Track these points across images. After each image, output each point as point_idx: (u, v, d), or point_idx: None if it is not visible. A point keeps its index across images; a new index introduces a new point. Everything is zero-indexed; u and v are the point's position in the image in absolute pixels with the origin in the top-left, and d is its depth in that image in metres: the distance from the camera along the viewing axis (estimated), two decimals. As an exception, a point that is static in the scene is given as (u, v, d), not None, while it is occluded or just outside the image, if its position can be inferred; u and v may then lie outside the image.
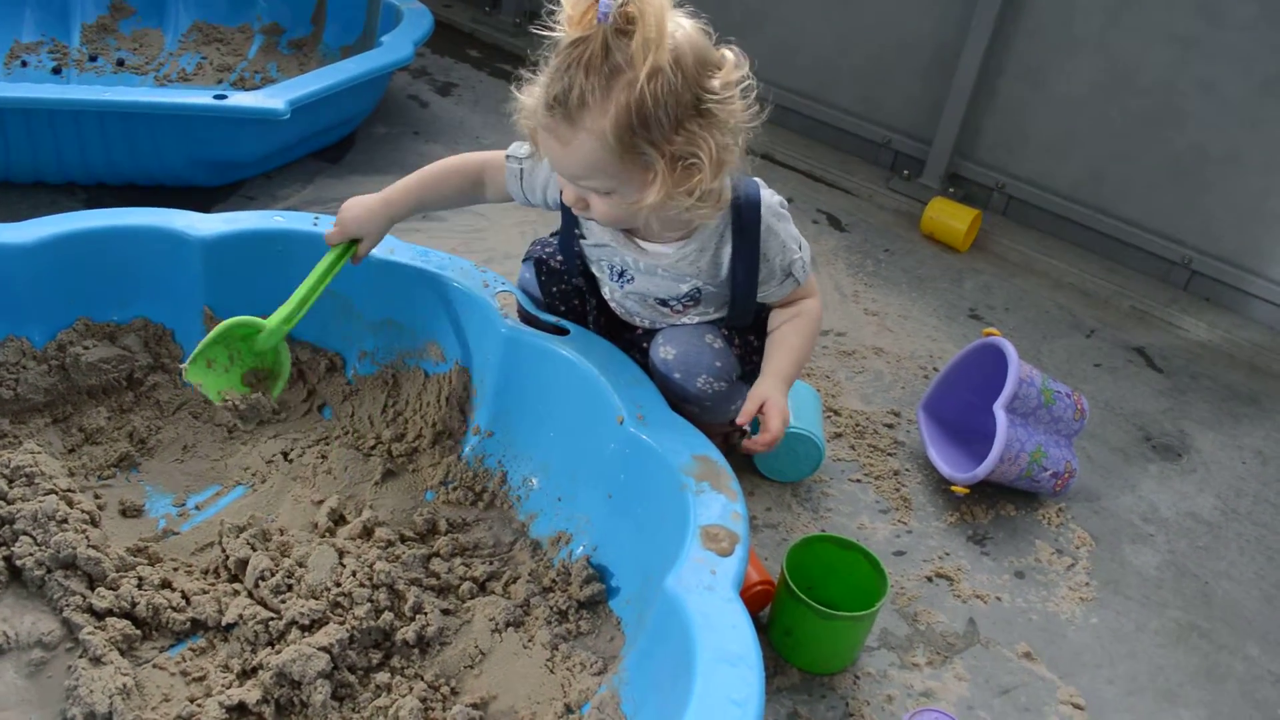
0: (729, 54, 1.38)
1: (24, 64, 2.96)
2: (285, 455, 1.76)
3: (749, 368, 1.69)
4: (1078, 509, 1.97)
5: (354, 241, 1.69)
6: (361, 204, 1.67)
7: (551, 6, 1.32)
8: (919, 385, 2.22)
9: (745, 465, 1.94)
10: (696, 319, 1.66)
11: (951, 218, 2.75)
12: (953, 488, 1.88)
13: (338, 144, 2.80)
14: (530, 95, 1.37)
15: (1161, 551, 1.91)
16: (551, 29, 1.33)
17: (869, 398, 2.18)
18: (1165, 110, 2.57)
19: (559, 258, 1.73)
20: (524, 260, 1.77)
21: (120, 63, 3.04)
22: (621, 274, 1.64)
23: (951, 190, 2.96)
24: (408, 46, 2.70)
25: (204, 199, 2.48)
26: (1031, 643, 1.69)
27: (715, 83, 1.34)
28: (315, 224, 1.83)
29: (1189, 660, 1.71)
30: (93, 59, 3.03)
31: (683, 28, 1.33)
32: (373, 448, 1.78)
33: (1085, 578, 1.83)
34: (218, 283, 1.82)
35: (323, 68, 2.57)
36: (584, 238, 1.65)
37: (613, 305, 1.74)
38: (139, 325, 1.82)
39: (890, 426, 2.10)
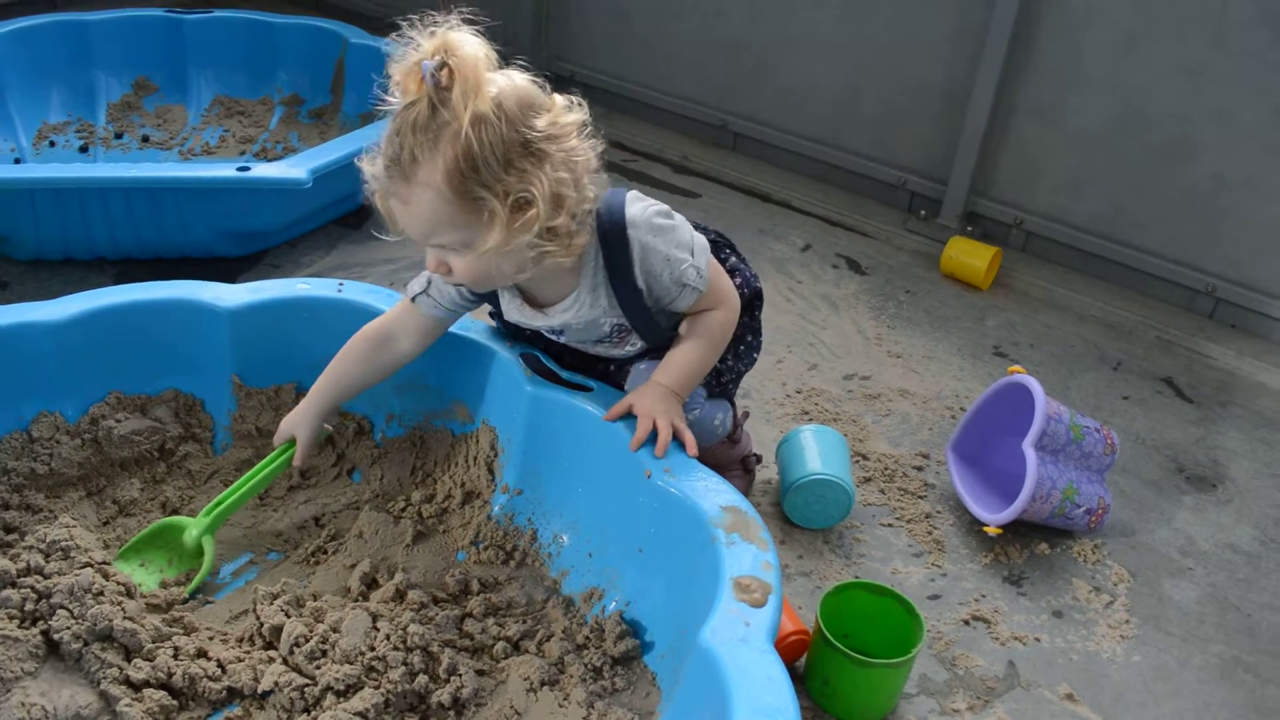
0: (560, 98, 1.44)
1: (52, 144, 3.03)
2: (316, 520, 1.77)
3: (719, 386, 1.74)
4: (1114, 545, 1.95)
5: (293, 443, 1.74)
6: (293, 411, 1.75)
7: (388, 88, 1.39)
8: (946, 426, 2.22)
9: (775, 514, 1.94)
10: (640, 345, 1.67)
11: (971, 256, 2.75)
12: (985, 528, 1.87)
13: (358, 210, 2.84)
14: (372, 163, 1.43)
15: (1201, 585, 1.89)
16: (386, 101, 1.39)
17: (897, 440, 2.17)
18: (1180, 140, 2.58)
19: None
20: (490, 314, 1.81)
21: (145, 139, 3.10)
22: (551, 330, 1.67)
23: (969, 229, 2.96)
24: (425, 111, 2.74)
25: (229, 269, 2.52)
26: (1073, 684, 1.67)
27: (541, 122, 1.38)
28: (340, 290, 1.85)
29: (1235, 695, 1.68)
30: (118, 136, 3.10)
31: (508, 77, 1.40)
32: (403, 510, 1.79)
33: (1125, 615, 1.81)
34: (246, 352, 1.84)
35: (343, 136, 2.61)
36: (503, 314, 1.68)
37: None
38: (169, 396, 1.85)
39: (919, 469, 2.09)
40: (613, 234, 1.51)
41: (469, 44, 1.35)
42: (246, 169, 2.34)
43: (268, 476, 1.72)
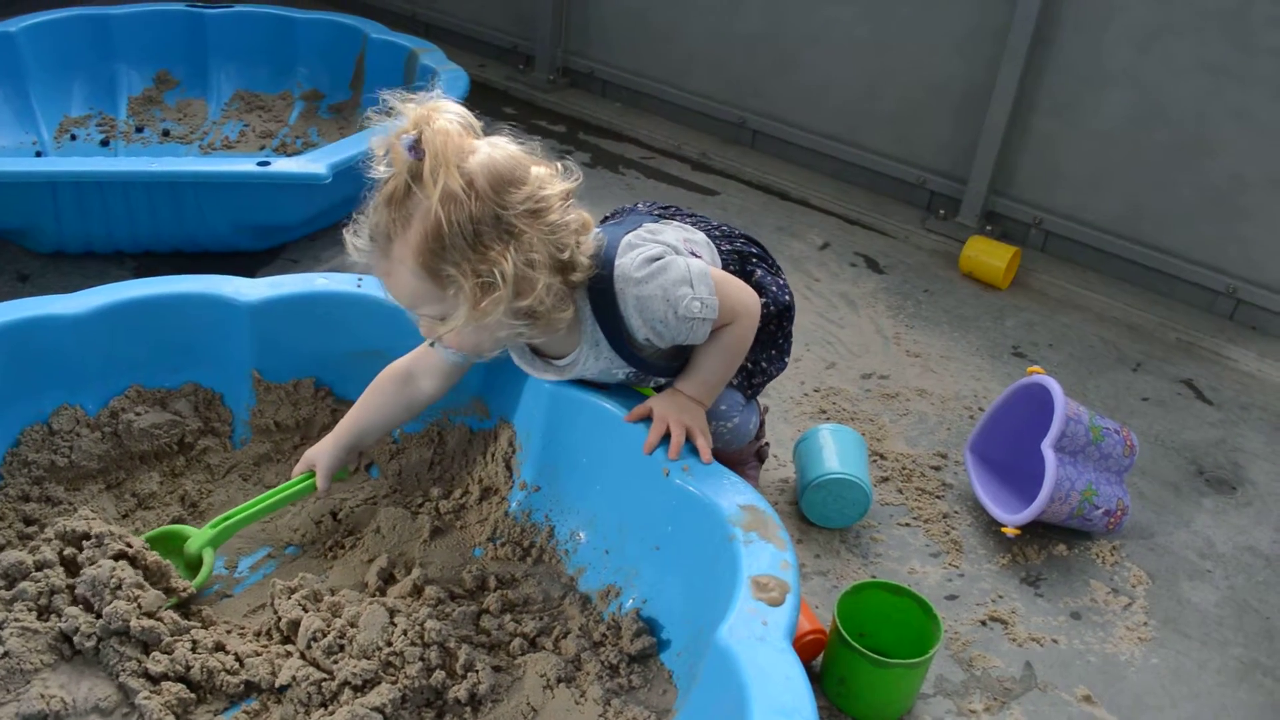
0: (540, 170, 1.40)
1: (73, 137, 3.04)
2: (334, 515, 1.78)
3: (751, 388, 1.72)
4: (1132, 546, 1.95)
5: (314, 474, 1.73)
6: (319, 443, 1.75)
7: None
8: (965, 426, 2.21)
9: (793, 513, 1.93)
10: (662, 380, 1.66)
11: (991, 256, 2.74)
12: (1003, 529, 1.86)
13: (378, 205, 2.84)
14: (356, 235, 1.43)
15: (1220, 588, 1.88)
16: (367, 173, 1.39)
17: (914, 440, 2.17)
18: (1200, 140, 2.56)
19: None
20: None
21: (166, 133, 3.12)
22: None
23: (989, 228, 2.95)
24: (444, 107, 2.74)
25: (248, 264, 2.53)
26: (1091, 685, 1.66)
27: (518, 197, 1.36)
28: (359, 285, 1.86)
29: (1253, 699, 1.67)
30: (139, 130, 3.12)
31: (491, 147, 1.38)
32: (420, 505, 1.79)
33: (1143, 617, 1.80)
34: (265, 346, 1.85)
35: (363, 131, 2.61)
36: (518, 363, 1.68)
37: None
38: (189, 390, 1.85)
39: (937, 469, 2.09)
40: (603, 293, 1.49)
41: (445, 117, 1.35)
42: (266, 163, 2.35)
43: (282, 501, 1.70)
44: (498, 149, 1.39)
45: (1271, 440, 2.27)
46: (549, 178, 1.41)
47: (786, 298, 1.71)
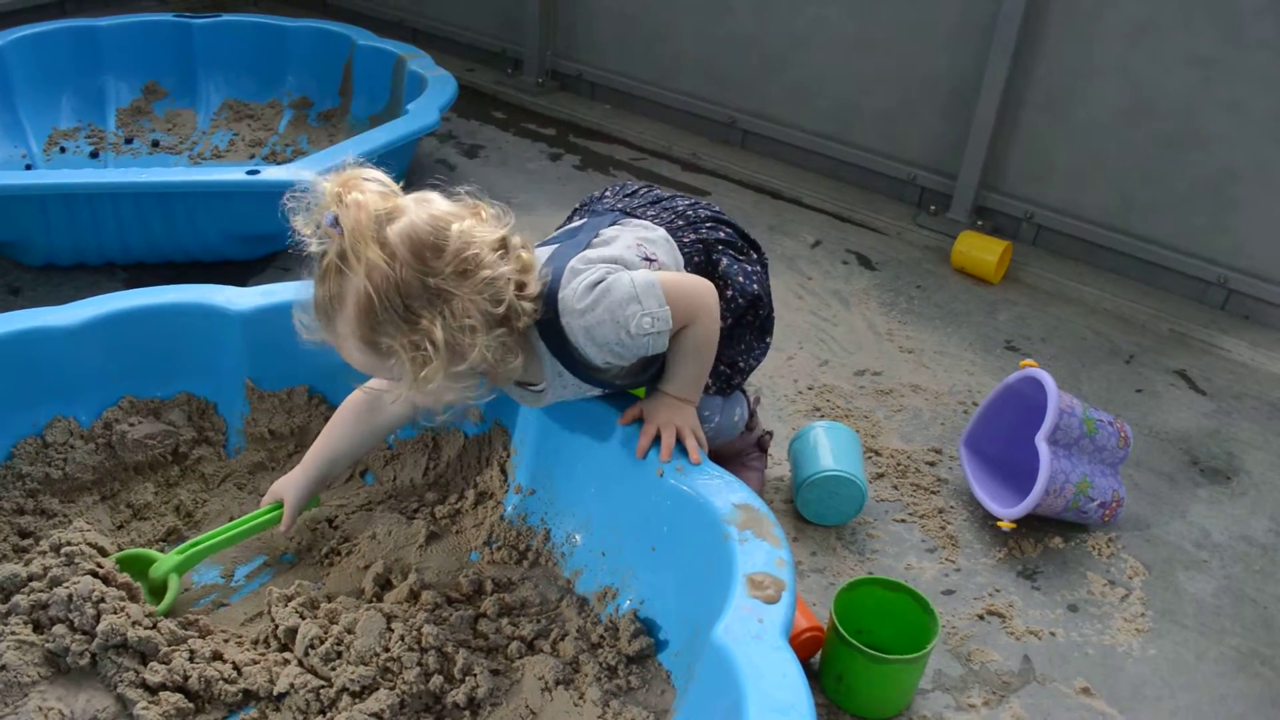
0: (461, 226, 1.37)
1: (62, 150, 3.04)
2: (330, 522, 1.78)
3: (730, 388, 1.72)
4: (1128, 538, 1.95)
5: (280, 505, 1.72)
6: (286, 475, 1.73)
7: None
8: (959, 421, 2.21)
9: (788, 510, 1.93)
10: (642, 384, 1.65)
11: (982, 250, 2.74)
12: (999, 523, 1.87)
13: (369, 211, 2.84)
14: (305, 313, 1.43)
15: (1217, 577, 1.88)
16: (303, 247, 1.38)
17: (909, 436, 2.17)
18: (1190, 132, 2.56)
19: None
20: None
21: (155, 143, 3.12)
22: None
23: (980, 223, 2.95)
24: (433, 112, 2.75)
25: (240, 273, 2.53)
26: (1089, 678, 1.66)
27: (441, 263, 1.34)
28: (350, 292, 1.85)
29: (1252, 688, 1.67)
30: (128, 141, 3.12)
31: (407, 217, 1.35)
32: (416, 511, 1.79)
33: (1140, 608, 1.80)
34: (258, 355, 1.85)
35: (352, 138, 2.62)
36: None
37: None
38: (183, 400, 1.85)
39: (932, 464, 2.09)
40: (550, 327, 1.47)
41: (361, 189, 1.34)
42: (256, 172, 2.35)
43: (249, 531, 1.69)
44: (422, 211, 1.36)
45: (1265, 429, 2.27)
46: (473, 232, 1.38)
47: (754, 287, 1.65)
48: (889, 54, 2.98)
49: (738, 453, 1.87)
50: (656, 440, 1.56)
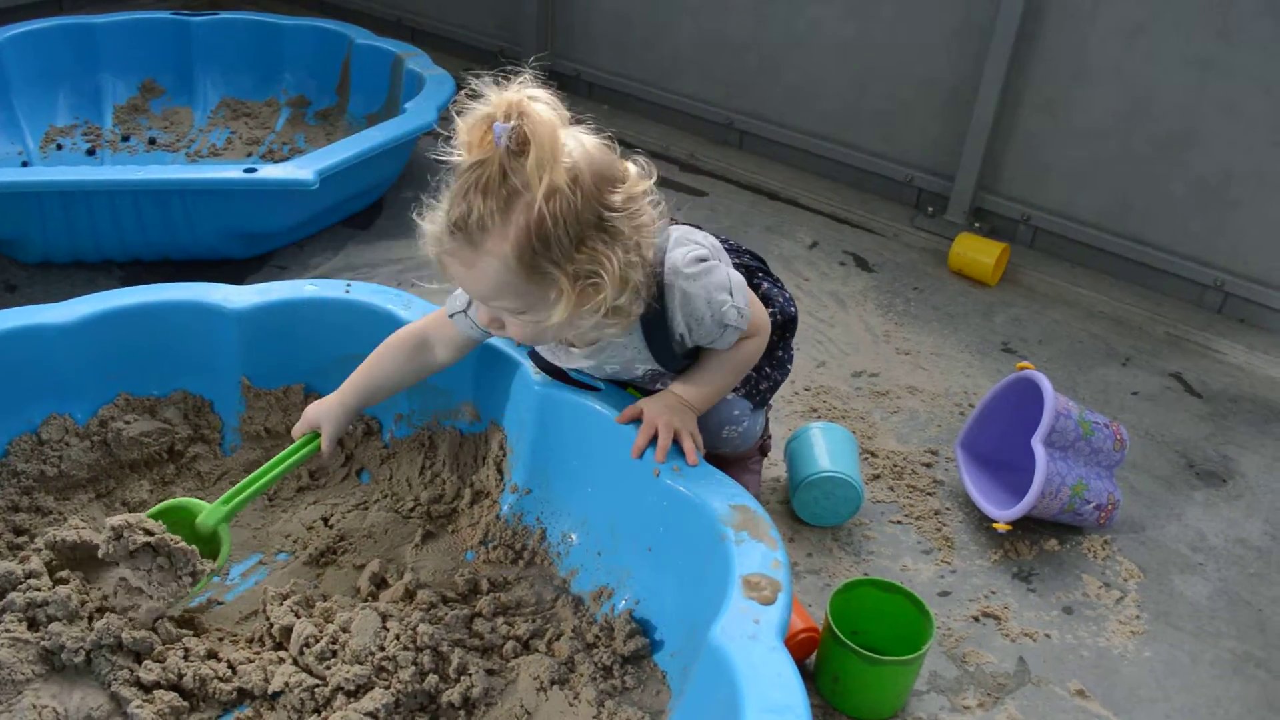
0: (632, 167, 1.38)
1: (59, 147, 3.04)
2: (325, 521, 1.78)
3: (759, 395, 1.72)
4: (1123, 540, 1.95)
5: (317, 435, 1.71)
6: (321, 401, 1.72)
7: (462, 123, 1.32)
8: (955, 423, 2.21)
9: (784, 511, 1.93)
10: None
11: (979, 252, 2.74)
12: (995, 525, 1.87)
13: (366, 210, 2.84)
14: (433, 221, 1.36)
15: (1212, 580, 1.88)
16: (450, 154, 1.34)
17: (905, 437, 2.17)
18: (1187, 133, 2.57)
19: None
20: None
21: (152, 141, 3.11)
22: (580, 370, 1.66)
23: (977, 225, 2.95)
24: (431, 111, 2.75)
25: (237, 271, 2.52)
26: (1084, 680, 1.66)
27: (617, 198, 1.33)
28: (347, 291, 1.86)
29: (1247, 691, 1.67)
30: (125, 139, 3.11)
31: (582, 145, 1.33)
32: (411, 510, 1.79)
33: (1135, 610, 1.80)
34: (254, 353, 1.85)
35: (349, 137, 2.61)
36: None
37: None
38: (179, 398, 1.85)
39: (928, 466, 2.09)
40: (655, 283, 1.47)
41: (544, 106, 1.29)
42: (253, 170, 2.34)
43: (288, 467, 1.69)
44: (587, 143, 1.34)
45: (1261, 433, 2.28)
46: (639, 175, 1.38)
47: (793, 309, 1.72)
48: (887, 55, 2.98)
49: (741, 457, 1.88)
50: (655, 441, 1.56)
